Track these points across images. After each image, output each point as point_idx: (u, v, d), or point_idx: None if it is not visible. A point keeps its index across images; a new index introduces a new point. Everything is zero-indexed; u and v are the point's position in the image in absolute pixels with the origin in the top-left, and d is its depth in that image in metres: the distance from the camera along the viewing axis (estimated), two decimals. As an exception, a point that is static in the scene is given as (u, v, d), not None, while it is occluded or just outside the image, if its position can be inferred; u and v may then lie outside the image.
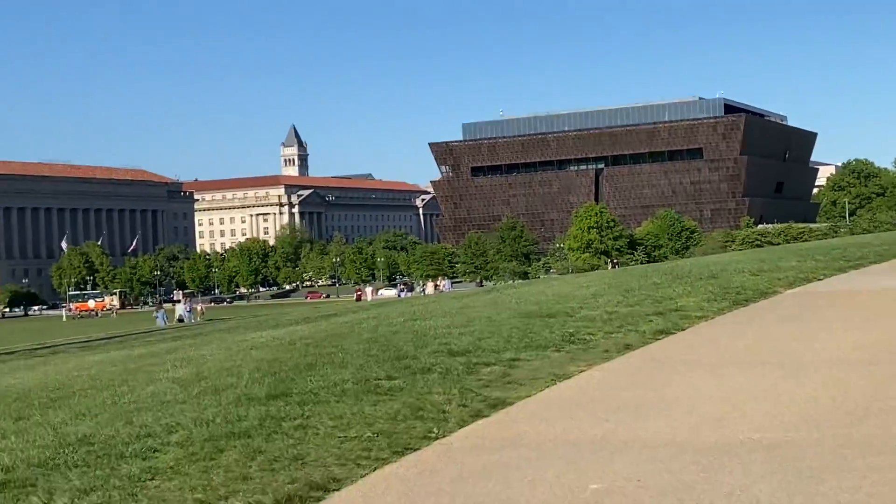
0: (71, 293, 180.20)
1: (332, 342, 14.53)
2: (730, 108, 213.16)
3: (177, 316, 71.00)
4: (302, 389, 9.84)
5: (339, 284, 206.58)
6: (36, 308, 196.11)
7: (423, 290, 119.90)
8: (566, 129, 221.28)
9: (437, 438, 7.65)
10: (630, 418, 8.03)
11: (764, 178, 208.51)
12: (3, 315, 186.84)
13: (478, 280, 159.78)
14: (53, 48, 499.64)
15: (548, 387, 9.63)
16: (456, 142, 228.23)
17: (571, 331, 13.30)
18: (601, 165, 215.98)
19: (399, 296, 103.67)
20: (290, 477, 6.66)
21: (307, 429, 8.05)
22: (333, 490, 6.43)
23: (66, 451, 8.13)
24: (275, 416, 8.58)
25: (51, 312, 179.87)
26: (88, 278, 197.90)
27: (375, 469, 6.86)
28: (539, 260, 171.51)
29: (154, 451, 7.75)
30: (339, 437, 7.70)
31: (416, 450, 7.35)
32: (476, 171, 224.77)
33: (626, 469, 6.52)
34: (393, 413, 8.40)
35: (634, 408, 8.43)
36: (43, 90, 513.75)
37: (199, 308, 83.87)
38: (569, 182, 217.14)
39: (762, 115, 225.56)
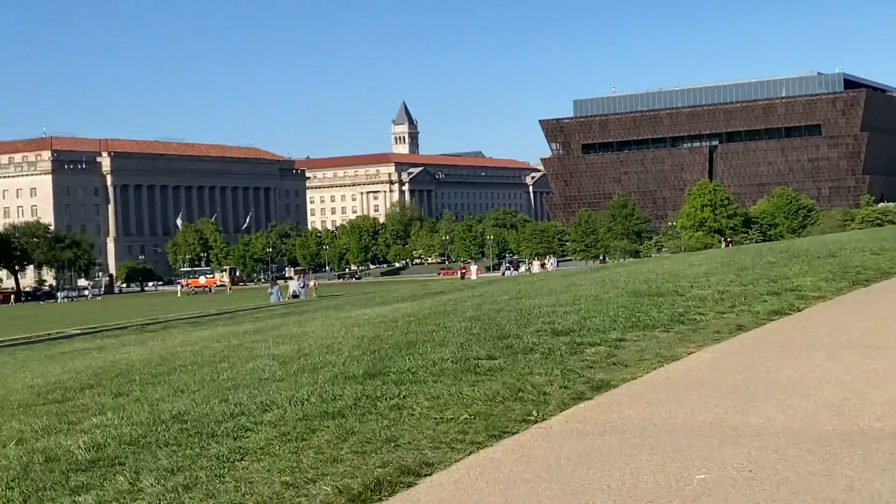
0: (183, 269, 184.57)
1: (435, 320, 14.32)
2: (850, 84, 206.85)
3: (290, 292, 71.99)
4: (400, 368, 9.62)
5: (449, 262, 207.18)
6: (151, 284, 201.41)
7: (529, 268, 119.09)
8: (679, 105, 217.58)
9: (536, 422, 7.31)
10: (741, 404, 7.57)
11: (885, 156, 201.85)
12: (120, 290, 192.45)
13: (601, 257, 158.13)
14: (169, 30, 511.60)
15: (654, 369, 9.23)
16: (567, 119, 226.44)
17: (681, 310, 12.84)
18: (715, 142, 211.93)
19: (503, 274, 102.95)
20: (382, 460, 6.41)
21: (402, 409, 7.80)
22: (425, 475, 6.15)
23: (159, 428, 8.06)
24: (370, 396, 8.36)
25: (166, 288, 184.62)
26: (202, 255, 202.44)
27: (470, 453, 6.55)
28: (651, 238, 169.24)
29: (246, 431, 7.59)
30: (435, 419, 7.43)
31: (513, 433, 7.03)
32: (587, 148, 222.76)
33: (735, 458, 6.10)
34: (491, 394, 8.10)
35: (746, 392, 7.96)
36: (159, 70, 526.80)
37: (312, 284, 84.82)
38: (682, 159, 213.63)
39: (884, 91, 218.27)
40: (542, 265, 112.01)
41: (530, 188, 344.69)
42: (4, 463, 7.42)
